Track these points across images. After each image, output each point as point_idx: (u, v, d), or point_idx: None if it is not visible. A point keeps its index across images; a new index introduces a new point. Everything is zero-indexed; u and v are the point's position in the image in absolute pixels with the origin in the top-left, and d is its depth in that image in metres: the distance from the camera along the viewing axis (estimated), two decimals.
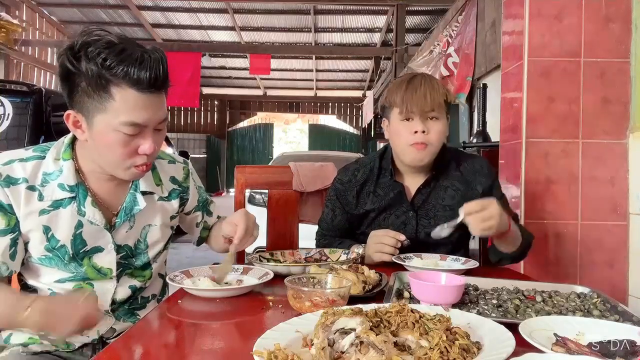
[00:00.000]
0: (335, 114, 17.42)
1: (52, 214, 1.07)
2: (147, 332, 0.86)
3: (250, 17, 10.47)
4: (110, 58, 0.95)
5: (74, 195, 1.08)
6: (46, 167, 1.07)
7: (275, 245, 1.77)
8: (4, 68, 9.27)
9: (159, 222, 1.22)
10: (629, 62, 1.96)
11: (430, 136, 1.39)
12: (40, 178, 1.06)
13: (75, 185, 1.08)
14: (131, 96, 0.97)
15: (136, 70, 0.95)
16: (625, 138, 1.97)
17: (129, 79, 0.96)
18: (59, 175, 1.07)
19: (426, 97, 1.36)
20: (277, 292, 1.05)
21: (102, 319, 1.07)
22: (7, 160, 1.06)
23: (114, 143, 1.00)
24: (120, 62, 0.95)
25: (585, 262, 1.98)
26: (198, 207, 1.35)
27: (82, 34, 0.98)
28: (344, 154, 6.43)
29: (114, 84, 0.96)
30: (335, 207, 1.58)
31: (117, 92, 0.96)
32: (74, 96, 0.99)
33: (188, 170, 1.32)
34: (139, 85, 0.97)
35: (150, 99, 1.00)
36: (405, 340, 0.66)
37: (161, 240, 1.24)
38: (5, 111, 3.93)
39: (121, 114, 0.97)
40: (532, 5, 1.99)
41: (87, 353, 1.15)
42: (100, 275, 1.14)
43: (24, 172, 1.05)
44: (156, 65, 0.98)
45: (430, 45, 6.48)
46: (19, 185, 1.04)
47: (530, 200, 1.99)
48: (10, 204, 1.03)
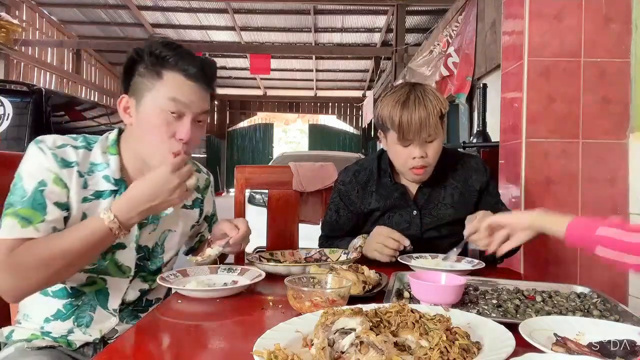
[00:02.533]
0: (335, 114, 17.42)
1: (93, 202, 1.10)
2: (147, 332, 0.86)
3: (250, 17, 10.48)
4: (167, 50, 1.09)
5: (116, 189, 1.12)
6: (94, 158, 1.12)
7: (275, 245, 1.77)
8: (4, 68, 9.27)
9: (179, 229, 1.26)
10: (629, 62, 1.96)
11: (428, 158, 1.41)
12: (88, 167, 1.11)
13: (120, 179, 1.12)
14: (178, 79, 1.09)
15: (186, 61, 1.09)
16: (625, 138, 1.97)
17: (179, 66, 1.09)
18: (106, 168, 1.12)
19: (423, 125, 1.35)
20: (277, 292, 1.05)
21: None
22: (61, 143, 1.09)
23: (157, 122, 1.07)
24: (175, 53, 1.09)
25: (585, 262, 1.97)
26: (208, 220, 1.38)
27: (149, 38, 1.13)
28: (344, 154, 6.43)
29: (166, 68, 1.08)
30: (339, 208, 1.58)
31: (166, 74, 1.08)
32: (131, 81, 1.11)
33: (210, 181, 1.39)
34: (187, 72, 1.09)
35: (195, 87, 1.10)
36: (405, 340, 0.66)
37: (178, 247, 1.28)
38: (5, 111, 3.93)
39: (168, 90, 1.08)
40: (532, 5, 1.99)
41: (87, 352, 1.15)
42: (120, 273, 1.16)
43: (77, 156, 1.09)
44: (204, 62, 1.12)
45: (430, 45, 6.49)
46: (72, 167, 1.08)
47: (530, 200, 1.99)
48: (66, 184, 1.06)
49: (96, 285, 1.15)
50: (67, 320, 1.13)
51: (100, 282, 1.15)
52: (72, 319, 1.13)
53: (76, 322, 1.14)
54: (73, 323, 1.13)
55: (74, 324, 1.13)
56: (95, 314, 1.15)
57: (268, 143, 17.93)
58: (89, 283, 1.14)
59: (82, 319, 1.14)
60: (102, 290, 1.16)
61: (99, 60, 13.72)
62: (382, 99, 1.45)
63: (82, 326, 1.14)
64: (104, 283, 1.15)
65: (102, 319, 1.15)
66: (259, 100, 17.44)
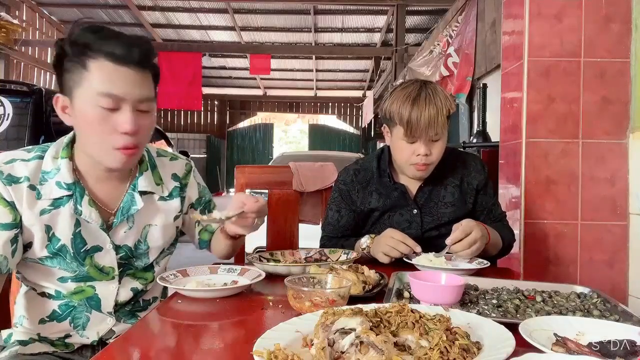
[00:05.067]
0: (335, 114, 17.42)
1: (52, 213, 1.06)
2: (146, 332, 0.86)
3: (250, 17, 10.47)
4: (89, 35, 0.98)
5: (71, 194, 1.07)
6: (45, 166, 1.07)
7: (275, 245, 1.77)
8: (4, 68, 9.27)
9: (159, 222, 1.20)
10: (629, 62, 1.96)
11: (432, 157, 1.42)
12: (39, 177, 1.06)
13: (72, 183, 1.07)
14: (106, 67, 0.97)
15: (112, 43, 0.97)
16: (625, 138, 1.97)
17: (104, 51, 0.97)
18: (56, 174, 1.06)
19: (431, 123, 1.36)
20: (277, 292, 1.05)
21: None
22: (10, 159, 1.05)
23: (93, 119, 0.99)
24: (97, 38, 0.98)
25: (585, 262, 1.97)
26: (197, 205, 1.31)
27: (72, 25, 1.02)
28: (344, 154, 6.43)
29: (90, 57, 0.97)
30: (340, 208, 1.58)
31: (92, 63, 0.97)
32: (61, 79, 1.02)
33: (190, 167, 1.31)
34: (114, 57, 0.97)
35: (127, 73, 0.99)
36: (405, 340, 0.66)
37: (163, 241, 1.22)
38: (5, 111, 3.93)
39: (96, 84, 0.97)
40: (532, 5, 1.99)
41: (86, 354, 1.15)
42: (103, 275, 1.13)
43: (27, 170, 1.05)
44: (133, 41, 1.00)
45: (430, 45, 6.49)
46: (21, 183, 1.03)
47: (530, 200, 1.99)
48: (13, 202, 1.02)
49: (84, 293, 1.12)
50: (64, 321, 1.12)
51: (88, 290, 1.12)
52: (69, 320, 1.12)
53: (72, 323, 1.12)
54: (70, 324, 1.12)
55: (70, 325, 1.12)
56: (92, 315, 1.14)
57: (268, 143, 17.92)
58: (77, 291, 1.12)
59: (78, 320, 1.12)
60: (92, 297, 1.13)
61: None
62: (392, 94, 1.45)
63: (78, 327, 1.12)
64: (93, 290, 1.13)
65: (98, 321, 1.14)
66: (259, 100, 17.44)
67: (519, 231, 1.99)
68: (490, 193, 1.58)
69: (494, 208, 1.56)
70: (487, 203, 1.55)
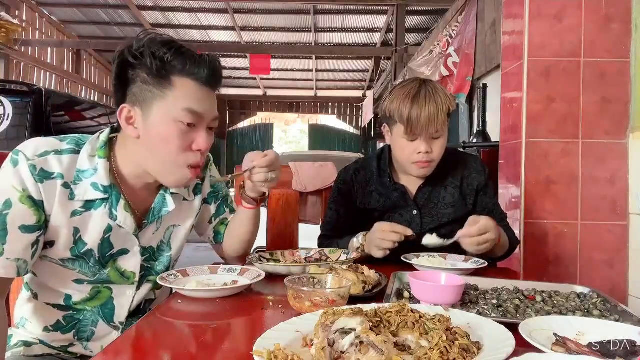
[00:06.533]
0: (335, 114, 17.40)
1: (84, 215, 1.02)
2: (146, 332, 0.86)
3: (250, 17, 10.47)
4: (172, 52, 0.99)
5: (107, 197, 1.03)
6: (80, 164, 1.02)
7: (275, 245, 1.77)
8: (4, 68, 9.26)
9: (184, 222, 1.21)
10: (629, 62, 1.96)
11: (433, 154, 1.42)
12: (74, 175, 1.01)
13: (109, 186, 1.03)
14: (191, 86, 1.01)
15: (195, 63, 1.01)
16: (625, 138, 1.97)
17: (189, 70, 1.00)
18: (93, 174, 1.02)
19: (432, 120, 1.36)
20: (277, 292, 1.05)
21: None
22: (43, 151, 0.98)
23: (172, 135, 1.00)
24: (181, 55, 1.00)
25: (585, 262, 1.97)
26: (212, 199, 1.30)
27: (140, 34, 1.02)
28: (344, 154, 6.43)
29: (175, 73, 0.99)
30: (339, 207, 1.57)
31: (177, 80, 1.00)
32: (131, 89, 1.01)
33: (209, 158, 1.29)
34: (198, 76, 1.01)
35: (207, 92, 1.03)
36: (405, 340, 0.66)
37: (183, 240, 1.22)
38: (5, 111, 3.94)
39: (182, 101, 0.99)
40: (532, 5, 1.99)
41: None
42: (123, 279, 1.11)
43: (60, 166, 0.99)
44: (212, 63, 1.04)
45: (430, 45, 6.48)
46: (55, 180, 0.98)
47: (530, 200, 1.99)
48: (42, 201, 0.97)
49: (101, 295, 1.10)
50: (68, 333, 1.10)
51: (105, 292, 1.10)
52: (73, 332, 1.10)
53: (77, 335, 1.10)
54: (74, 337, 1.10)
55: (74, 338, 1.10)
56: (97, 329, 1.11)
57: (268, 143, 17.91)
58: (92, 297, 1.09)
59: (83, 333, 1.11)
60: (107, 302, 1.11)
61: (99, 60, 13.71)
62: (391, 92, 1.45)
63: (82, 340, 1.11)
64: (110, 292, 1.11)
65: (104, 334, 1.12)
66: (259, 100, 17.43)
67: (519, 231, 1.99)
68: (491, 194, 1.57)
69: (495, 209, 1.56)
70: (487, 204, 1.55)
